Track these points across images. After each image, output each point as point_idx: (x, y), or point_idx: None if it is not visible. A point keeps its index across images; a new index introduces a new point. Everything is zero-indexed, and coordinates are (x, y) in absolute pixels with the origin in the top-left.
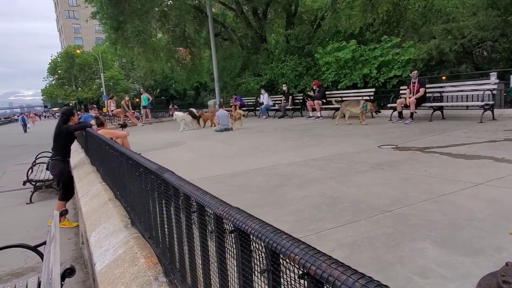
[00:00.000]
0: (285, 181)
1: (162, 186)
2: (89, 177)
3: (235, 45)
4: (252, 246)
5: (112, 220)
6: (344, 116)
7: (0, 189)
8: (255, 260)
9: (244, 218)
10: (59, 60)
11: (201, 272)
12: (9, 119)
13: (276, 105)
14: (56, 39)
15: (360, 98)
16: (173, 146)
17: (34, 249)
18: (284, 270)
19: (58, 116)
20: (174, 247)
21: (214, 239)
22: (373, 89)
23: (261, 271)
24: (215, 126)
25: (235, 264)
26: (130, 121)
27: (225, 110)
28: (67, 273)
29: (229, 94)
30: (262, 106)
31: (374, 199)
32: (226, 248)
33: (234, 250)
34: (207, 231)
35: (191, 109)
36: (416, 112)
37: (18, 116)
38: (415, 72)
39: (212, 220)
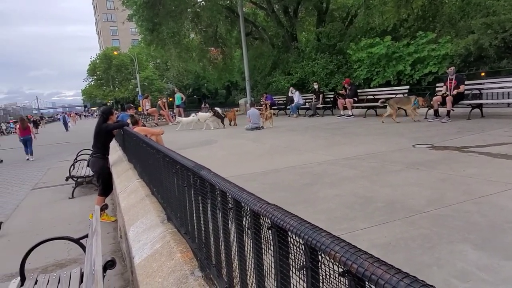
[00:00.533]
0: (316, 180)
1: (198, 183)
2: (126, 174)
3: (265, 44)
4: (289, 243)
5: (149, 216)
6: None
7: (45, 184)
8: (292, 257)
9: (282, 215)
10: (97, 61)
11: (237, 267)
12: (52, 118)
13: (307, 103)
14: (95, 41)
15: (398, 95)
16: (205, 144)
17: (77, 241)
18: (323, 267)
19: (96, 115)
20: (210, 242)
21: (250, 235)
22: (407, 87)
23: (299, 268)
24: (235, 124)
25: (272, 260)
26: (163, 119)
27: (256, 109)
28: (108, 265)
29: (260, 93)
30: (293, 105)
31: (409, 199)
32: (262, 244)
33: (272, 247)
34: (244, 227)
35: (216, 108)
36: (453, 110)
37: (60, 116)
38: (452, 68)
39: (249, 217)
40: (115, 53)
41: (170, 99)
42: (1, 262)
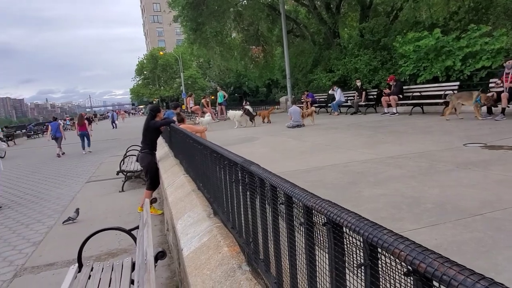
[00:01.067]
0: (360, 179)
1: (247, 178)
2: (173, 169)
3: (307, 41)
4: (345, 240)
5: (196, 210)
6: (456, 111)
7: (98, 178)
8: (348, 254)
9: (338, 211)
10: (144, 61)
11: (287, 263)
12: (104, 115)
13: (349, 101)
14: (142, 42)
15: (443, 92)
16: (247, 141)
17: (129, 232)
18: (384, 266)
19: (142, 113)
20: (258, 237)
21: (302, 231)
22: (457, 83)
23: (357, 265)
24: (269, 122)
25: (327, 257)
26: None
27: (298, 106)
28: (159, 256)
29: (301, 90)
30: (334, 102)
31: (461, 200)
32: (314, 240)
33: (326, 243)
34: (295, 222)
35: (247, 107)
36: (509, 107)
37: (109, 113)
38: (510, 61)
39: (302, 212)
40: (161, 53)
41: (212, 97)
42: (61, 249)
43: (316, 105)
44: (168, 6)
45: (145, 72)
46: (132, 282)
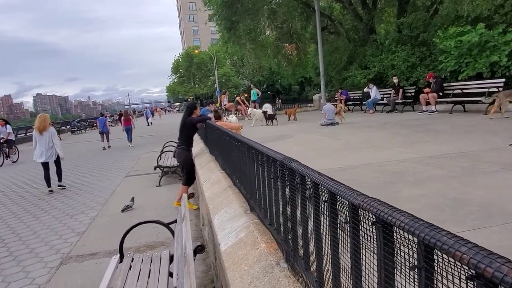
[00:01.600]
0: (397, 178)
1: (287, 175)
2: (209, 165)
3: (341, 38)
4: (395, 240)
5: (232, 205)
6: (501, 109)
7: (136, 172)
8: (398, 255)
9: (389, 210)
10: (180, 60)
11: (329, 261)
12: (141, 112)
13: (385, 99)
14: (178, 41)
15: (487, 89)
16: (281, 139)
17: (167, 226)
18: (441, 269)
19: (177, 110)
20: (297, 235)
21: (347, 230)
22: (503, 80)
23: (411, 268)
24: (295, 119)
25: (375, 257)
26: (240, 114)
27: (332, 104)
28: (198, 250)
29: (334, 88)
30: (369, 100)
31: (508, 203)
32: (360, 239)
33: (375, 243)
34: (338, 221)
35: (267, 104)
36: None
37: (145, 111)
38: None
39: (347, 210)
40: (196, 51)
41: (245, 95)
42: (102, 240)
43: (350, 102)
44: (204, 5)
45: (180, 70)
46: (170, 274)
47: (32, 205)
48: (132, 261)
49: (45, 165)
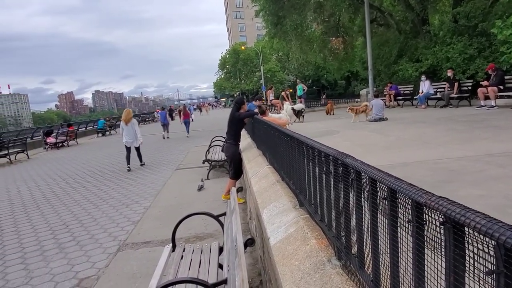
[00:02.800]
0: (454, 177)
1: (341, 171)
2: (256, 160)
3: (391, 31)
4: (467, 242)
5: (281, 200)
6: None
7: (186, 166)
8: (471, 259)
9: (461, 209)
10: (227, 56)
11: (387, 261)
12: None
13: (438, 93)
14: (225, 38)
15: None
16: (327, 134)
17: (217, 218)
18: None
19: (222, 105)
20: (351, 232)
21: (410, 229)
22: None
23: (487, 272)
24: (333, 114)
25: (442, 259)
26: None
27: (381, 99)
28: (248, 243)
29: (383, 82)
30: (421, 95)
31: None
32: (425, 240)
33: (441, 244)
34: (399, 219)
35: (300, 104)
36: None
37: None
38: None
39: (410, 209)
40: (243, 48)
41: (290, 90)
42: (155, 229)
43: (400, 97)
44: (251, 1)
45: (227, 67)
46: (219, 266)
47: (92, 194)
48: (183, 251)
49: (128, 149)
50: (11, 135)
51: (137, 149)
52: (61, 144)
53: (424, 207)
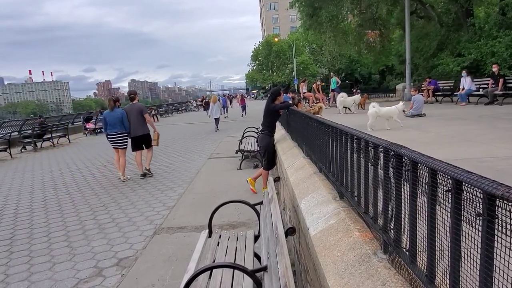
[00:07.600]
0: (501, 177)
1: (393, 162)
2: (291, 151)
3: (432, 23)
4: None
5: (320, 192)
6: None
7: (218, 155)
8: None
9: None
10: (260, 48)
11: (446, 257)
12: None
13: (481, 89)
14: (259, 30)
15: None
16: (363, 128)
17: (253, 207)
18: None
19: (252, 97)
20: (401, 225)
21: (480, 224)
22: None
23: None
24: (364, 108)
25: None
26: (317, 102)
27: (420, 94)
28: (289, 232)
29: (420, 77)
30: (462, 92)
31: None
32: (497, 236)
33: None
34: (463, 212)
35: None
36: None
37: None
38: None
39: (480, 202)
40: (276, 39)
41: (322, 83)
42: (189, 215)
43: (439, 93)
44: None
45: (259, 58)
46: (255, 255)
47: (130, 179)
48: (219, 237)
49: (217, 120)
50: (53, 120)
51: (216, 120)
52: (99, 130)
53: (500, 200)
